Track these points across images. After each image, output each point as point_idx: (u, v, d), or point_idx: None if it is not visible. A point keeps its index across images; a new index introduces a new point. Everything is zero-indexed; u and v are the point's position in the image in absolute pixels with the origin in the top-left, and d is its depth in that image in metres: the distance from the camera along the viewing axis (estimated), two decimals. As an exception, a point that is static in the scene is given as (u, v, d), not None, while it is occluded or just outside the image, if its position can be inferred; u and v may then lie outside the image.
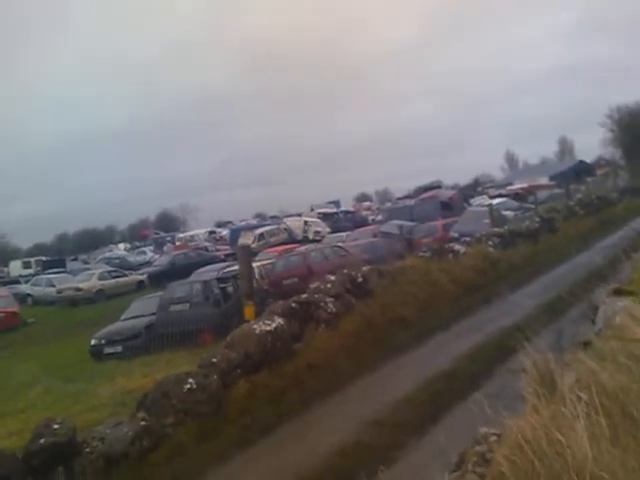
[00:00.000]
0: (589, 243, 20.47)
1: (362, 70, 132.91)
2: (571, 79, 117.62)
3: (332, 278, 12.98)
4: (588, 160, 63.29)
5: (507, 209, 30.02)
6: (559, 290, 11.83)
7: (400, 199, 55.05)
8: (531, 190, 39.43)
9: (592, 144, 62.36)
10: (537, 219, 23.66)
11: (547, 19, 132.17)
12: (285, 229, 37.40)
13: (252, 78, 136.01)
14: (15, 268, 48.47)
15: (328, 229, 37.78)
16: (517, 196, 39.00)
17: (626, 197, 34.97)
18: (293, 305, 11.18)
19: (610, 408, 3.48)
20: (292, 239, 34.25)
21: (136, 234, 76.42)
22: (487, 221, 22.79)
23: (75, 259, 55.05)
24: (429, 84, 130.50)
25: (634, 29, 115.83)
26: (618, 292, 7.29)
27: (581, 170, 56.97)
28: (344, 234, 30.19)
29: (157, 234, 65.33)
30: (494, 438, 3.57)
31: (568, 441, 3.02)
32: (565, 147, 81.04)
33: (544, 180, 52.29)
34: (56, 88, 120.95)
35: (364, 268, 14.15)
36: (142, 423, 7.48)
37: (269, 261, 20.20)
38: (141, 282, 30.91)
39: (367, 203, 72.56)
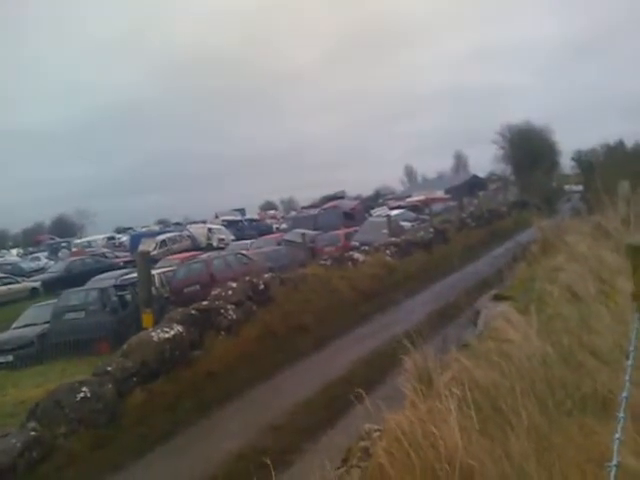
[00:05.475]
0: (479, 253, 21.70)
1: (269, 86, 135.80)
2: (465, 99, 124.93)
3: (234, 285, 12.99)
4: (481, 175, 66.68)
5: (405, 220, 31.20)
6: (449, 297, 12.53)
7: (305, 208, 55.58)
8: (427, 202, 41.16)
9: (485, 159, 65.96)
10: (431, 230, 24.76)
11: (441, 48, 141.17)
12: (188, 236, 36.70)
13: (162, 90, 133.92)
14: None
15: (232, 237, 37.51)
16: (414, 208, 40.49)
17: (515, 211, 37.27)
18: (193, 312, 11.11)
19: (481, 402, 3.81)
20: (195, 246, 33.67)
21: (30, 239, 72.04)
22: (386, 231, 23.61)
23: (-39, 266, 51.04)
24: (334, 101, 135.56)
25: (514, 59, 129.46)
26: (498, 298, 7.90)
27: (474, 184, 60.11)
28: (248, 242, 30.11)
29: (52, 239, 61.93)
30: (377, 434, 3.80)
31: (441, 433, 3.29)
32: (460, 162, 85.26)
33: (440, 193, 54.72)
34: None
35: (266, 275, 14.27)
36: (32, 433, 7.22)
37: (171, 268, 19.80)
38: (34, 289, 29.23)
39: (272, 211, 72.60)
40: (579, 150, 51.27)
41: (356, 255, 18.48)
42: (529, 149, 51.27)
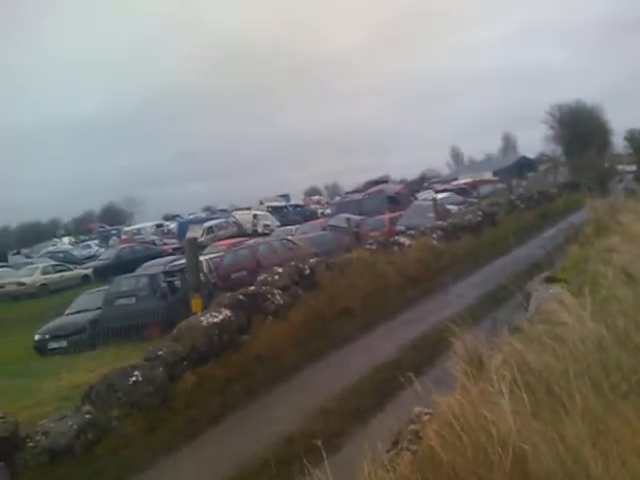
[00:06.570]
0: (529, 236, 21.19)
1: (313, 70, 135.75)
2: (513, 80, 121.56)
3: (280, 270, 13.09)
4: (531, 156, 64.90)
5: (451, 203, 30.74)
6: (498, 281, 12.26)
7: (349, 193, 55.30)
8: (475, 185, 40.44)
9: (535, 140, 63.99)
10: (479, 213, 24.33)
11: (489, 28, 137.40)
12: (234, 222, 37.14)
13: (207, 76, 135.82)
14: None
15: (277, 222, 37.75)
16: (461, 191, 39.76)
17: (565, 192, 36.20)
18: (240, 297, 11.25)
19: (534, 385, 3.73)
20: (241, 232, 34.05)
21: (81, 228, 74.03)
22: (432, 215, 23.34)
23: (18, 253, 52.86)
24: (378, 85, 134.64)
25: (564, 37, 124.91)
26: (550, 280, 7.71)
27: (523, 165, 58.58)
28: (293, 227, 30.26)
29: (102, 227, 63.69)
30: (427, 417, 3.77)
31: (493, 416, 3.24)
32: (508, 143, 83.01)
33: (488, 175, 53.44)
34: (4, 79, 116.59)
35: (311, 260, 14.32)
36: (87, 416, 7.46)
37: (218, 254, 20.09)
38: (86, 276, 30.17)
39: (317, 197, 72.70)
40: (632, 129, 49.37)
41: (402, 239, 18.35)
42: (580, 129, 49.54)
